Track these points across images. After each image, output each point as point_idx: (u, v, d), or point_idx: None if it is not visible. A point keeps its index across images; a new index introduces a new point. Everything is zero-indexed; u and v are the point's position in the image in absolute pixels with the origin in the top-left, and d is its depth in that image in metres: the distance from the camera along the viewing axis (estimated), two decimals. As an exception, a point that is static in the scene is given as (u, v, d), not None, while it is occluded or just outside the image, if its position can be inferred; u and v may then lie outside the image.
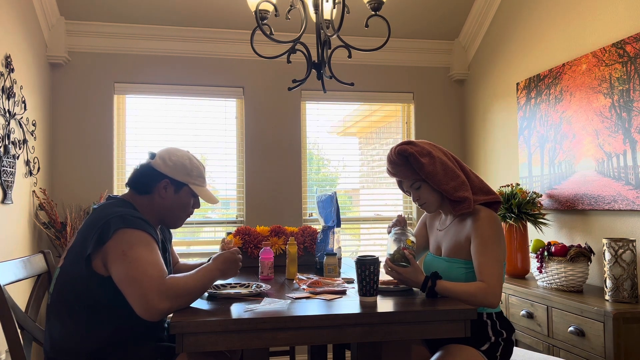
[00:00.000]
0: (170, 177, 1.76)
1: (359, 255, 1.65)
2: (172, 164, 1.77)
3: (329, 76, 2.17)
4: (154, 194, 1.76)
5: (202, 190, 1.84)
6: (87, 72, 3.47)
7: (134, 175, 1.78)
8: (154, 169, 1.76)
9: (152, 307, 1.46)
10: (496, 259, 1.73)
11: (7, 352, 2.63)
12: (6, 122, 2.74)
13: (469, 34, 3.80)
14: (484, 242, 1.75)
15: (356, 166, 3.93)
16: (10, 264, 1.75)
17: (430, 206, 1.90)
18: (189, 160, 1.80)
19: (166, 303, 1.48)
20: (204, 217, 3.70)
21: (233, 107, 3.71)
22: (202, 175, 1.84)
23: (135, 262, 1.50)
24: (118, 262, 1.51)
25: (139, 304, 1.47)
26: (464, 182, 1.83)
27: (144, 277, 1.48)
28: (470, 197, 1.81)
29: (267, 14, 2.06)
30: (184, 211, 1.82)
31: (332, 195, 2.39)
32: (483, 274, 1.71)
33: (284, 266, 2.47)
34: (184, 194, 1.79)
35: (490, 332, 1.79)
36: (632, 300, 2.17)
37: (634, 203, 2.36)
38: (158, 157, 1.78)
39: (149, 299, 1.46)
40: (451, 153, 1.94)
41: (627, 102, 2.40)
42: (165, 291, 1.48)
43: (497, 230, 1.77)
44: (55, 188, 3.41)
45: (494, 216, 1.80)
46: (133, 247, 1.53)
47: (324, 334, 1.46)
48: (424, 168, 1.82)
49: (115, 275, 1.52)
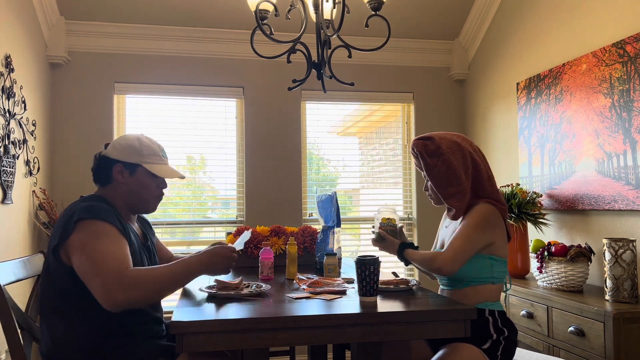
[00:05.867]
0: (122, 161, 1.73)
1: (359, 255, 1.65)
2: (121, 147, 1.75)
3: (329, 76, 2.17)
4: (114, 181, 1.74)
5: (159, 167, 1.78)
6: (87, 72, 3.47)
7: (93, 168, 1.77)
8: (107, 157, 1.74)
9: (110, 298, 1.44)
10: (465, 236, 1.81)
11: (7, 352, 2.63)
12: (6, 122, 2.74)
13: (469, 34, 3.80)
14: (464, 225, 1.84)
15: (356, 166, 3.93)
16: (10, 264, 1.75)
17: (434, 199, 2.02)
18: (137, 141, 1.77)
19: (125, 294, 1.44)
20: (204, 217, 3.71)
21: (233, 107, 3.71)
22: (156, 152, 1.79)
23: (94, 253, 1.48)
24: (78, 254, 1.50)
25: (99, 295, 1.45)
26: (462, 191, 1.87)
27: (102, 268, 1.46)
28: (461, 207, 1.89)
29: (267, 13, 2.06)
30: (149, 193, 1.77)
31: (332, 195, 2.39)
32: (447, 245, 1.82)
33: (284, 266, 2.47)
34: (140, 175, 1.75)
35: (492, 329, 1.80)
36: (632, 300, 2.17)
37: (634, 203, 2.36)
38: (109, 145, 1.77)
39: (107, 289, 1.44)
40: (475, 154, 1.92)
41: (627, 102, 2.40)
42: (125, 282, 1.45)
43: (480, 218, 1.83)
44: (55, 188, 3.41)
45: (484, 207, 1.85)
46: (93, 238, 1.51)
47: (324, 334, 1.46)
48: (427, 168, 1.92)
49: (77, 267, 1.51)
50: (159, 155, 1.80)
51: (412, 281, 1.92)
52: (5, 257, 2.72)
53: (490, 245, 1.85)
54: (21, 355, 1.58)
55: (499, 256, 1.87)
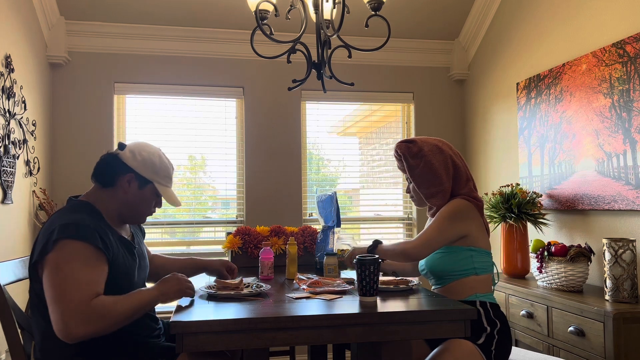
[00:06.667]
0: (136, 172, 1.70)
1: (359, 255, 1.65)
2: (142, 159, 1.71)
3: (329, 76, 2.17)
4: (117, 186, 1.69)
5: (167, 191, 1.77)
6: (87, 72, 3.47)
7: (98, 165, 1.72)
8: (120, 161, 1.70)
9: (67, 331, 1.40)
10: (434, 226, 1.90)
11: (7, 352, 2.63)
12: (6, 122, 2.74)
13: (469, 34, 3.80)
14: (435, 217, 1.94)
15: (356, 166, 3.93)
16: (10, 264, 1.75)
17: (416, 200, 2.12)
18: (159, 158, 1.75)
19: (85, 327, 1.41)
20: (204, 217, 3.70)
21: (233, 107, 3.71)
22: (169, 175, 1.79)
23: (64, 280, 1.44)
24: (48, 276, 1.46)
25: (55, 325, 1.42)
26: (443, 190, 1.98)
27: (65, 298, 1.42)
28: (442, 206, 1.98)
29: (267, 14, 2.06)
30: (146, 209, 1.76)
31: (332, 195, 2.39)
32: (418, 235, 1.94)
33: (284, 266, 2.47)
34: (148, 191, 1.73)
35: (485, 322, 1.82)
36: (632, 300, 2.17)
37: (634, 203, 2.36)
38: (128, 150, 1.73)
39: (66, 321, 1.40)
40: (454, 157, 2.03)
41: (627, 102, 2.40)
42: (87, 314, 1.42)
43: (451, 210, 1.92)
44: (55, 188, 3.41)
45: (457, 201, 1.95)
46: (67, 262, 1.46)
47: (324, 334, 1.46)
48: (410, 169, 2.02)
49: (44, 289, 1.47)
50: (170, 178, 1.80)
51: (412, 281, 1.92)
52: (5, 257, 2.72)
53: (466, 237, 1.92)
54: (21, 355, 1.58)
55: (478, 247, 1.93)
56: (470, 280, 1.90)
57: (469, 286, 1.90)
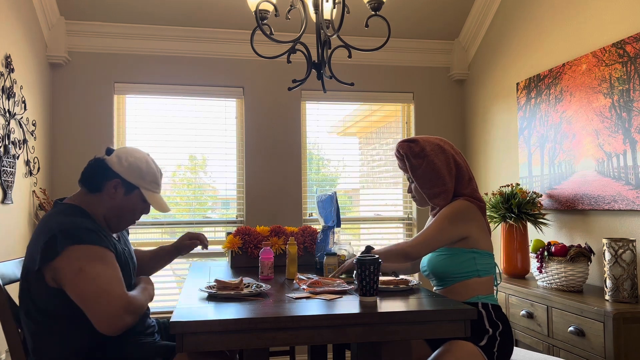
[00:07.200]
0: (122, 178, 1.69)
1: (359, 255, 1.65)
2: (128, 164, 1.70)
3: (329, 76, 2.17)
4: (103, 192, 1.68)
5: (154, 196, 1.76)
6: (87, 72, 3.47)
7: (86, 170, 1.71)
8: (107, 166, 1.70)
9: (117, 323, 1.46)
10: (434, 226, 1.89)
11: (7, 352, 2.63)
12: (6, 122, 2.74)
13: (469, 34, 3.80)
14: (436, 217, 1.93)
15: (356, 166, 3.93)
16: (10, 264, 1.75)
17: (418, 201, 2.10)
18: (145, 164, 1.73)
19: (130, 318, 1.49)
20: (204, 217, 3.70)
21: (233, 107, 3.71)
22: (157, 181, 1.77)
23: (97, 279, 1.47)
24: (75, 280, 1.47)
25: (103, 320, 1.45)
26: (446, 190, 1.96)
27: (109, 294, 1.47)
28: (445, 206, 1.97)
29: (267, 14, 2.06)
30: (132, 215, 1.75)
31: (332, 195, 2.39)
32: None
33: (284, 266, 2.47)
34: (134, 197, 1.72)
35: (486, 324, 1.82)
36: (632, 300, 2.17)
37: (634, 203, 2.36)
38: (114, 155, 1.72)
39: (115, 315, 1.46)
40: (456, 157, 2.02)
41: (627, 102, 2.40)
42: (128, 306, 1.49)
43: (452, 211, 1.90)
44: (55, 188, 3.41)
45: (459, 202, 1.93)
46: (90, 263, 1.49)
47: (324, 334, 1.46)
48: (412, 168, 2.00)
49: (74, 293, 1.47)
50: (158, 184, 1.78)
51: (412, 281, 1.92)
52: (5, 257, 2.72)
53: (467, 238, 1.91)
54: (21, 355, 1.58)
55: (480, 249, 1.92)
56: (473, 282, 1.90)
57: (471, 288, 1.89)
